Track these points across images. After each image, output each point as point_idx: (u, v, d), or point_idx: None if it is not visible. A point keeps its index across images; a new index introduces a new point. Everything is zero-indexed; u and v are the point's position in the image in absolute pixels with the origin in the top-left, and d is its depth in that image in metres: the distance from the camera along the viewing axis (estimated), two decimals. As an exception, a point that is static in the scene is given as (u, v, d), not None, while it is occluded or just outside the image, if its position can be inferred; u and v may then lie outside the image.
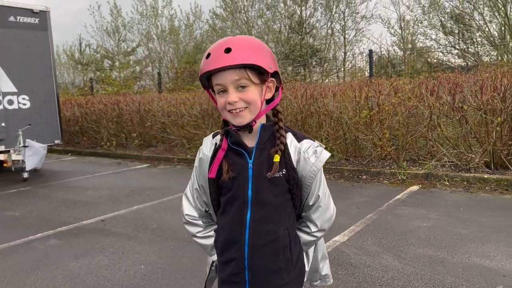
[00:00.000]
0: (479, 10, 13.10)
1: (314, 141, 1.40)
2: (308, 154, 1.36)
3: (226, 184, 1.38)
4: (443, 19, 13.99)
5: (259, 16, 16.91)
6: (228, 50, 1.27)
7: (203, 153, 1.45)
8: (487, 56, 13.20)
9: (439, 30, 13.92)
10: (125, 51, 22.07)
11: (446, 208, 4.86)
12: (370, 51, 9.45)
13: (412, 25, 14.24)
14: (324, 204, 1.43)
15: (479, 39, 13.22)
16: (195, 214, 1.52)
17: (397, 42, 14.61)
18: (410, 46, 14.39)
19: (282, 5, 16.18)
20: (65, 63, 23.44)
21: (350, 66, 15.17)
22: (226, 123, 1.42)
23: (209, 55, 1.31)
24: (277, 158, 1.32)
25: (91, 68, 23.04)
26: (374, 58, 14.81)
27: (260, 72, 1.31)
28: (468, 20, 13.41)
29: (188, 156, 9.46)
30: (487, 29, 12.93)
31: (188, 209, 1.52)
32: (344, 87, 8.05)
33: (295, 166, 1.36)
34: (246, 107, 1.31)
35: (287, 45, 16.50)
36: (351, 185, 6.28)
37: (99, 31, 22.05)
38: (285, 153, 1.36)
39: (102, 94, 16.58)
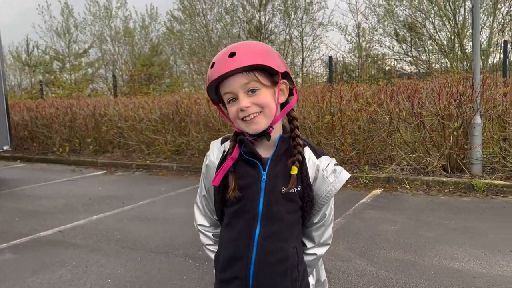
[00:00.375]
0: (430, 19, 13.71)
1: (332, 158, 1.33)
2: (327, 172, 1.27)
3: (234, 196, 1.28)
4: (396, 27, 14.52)
5: (218, 20, 16.81)
6: (232, 55, 1.18)
7: (210, 160, 1.36)
8: (437, 63, 13.82)
9: (393, 38, 14.43)
10: (76, 53, 21.20)
11: (410, 211, 4.99)
12: (330, 57, 9.61)
13: (368, 32, 14.67)
14: (327, 222, 1.37)
15: (430, 47, 13.81)
16: (206, 223, 1.44)
17: (353, 49, 14.99)
18: (364, 53, 14.82)
19: (241, 9, 16.18)
20: (11, 65, 22.17)
21: (308, 72, 15.39)
22: (237, 134, 1.32)
23: (213, 64, 1.23)
24: (294, 170, 1.23)
25: (40, 70, 21.94)
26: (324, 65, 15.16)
27: (270, 74, 1.22)
28: (420, 29, 14.00)
29: (148, 162, 9.18)
30: (437, 37, 13.55)
31: (200, 218, 1.44)
32: (307, 92, 8.12)
33: (311, 183, 1.28)
34: (260, 112, 1.21)
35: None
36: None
37: (49, 31, 21.05)
38: (303, 168, 1.27)
39: (53, 97, 15.81)
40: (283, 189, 1.25)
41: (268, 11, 16.08)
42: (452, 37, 12.97)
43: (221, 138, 1.40)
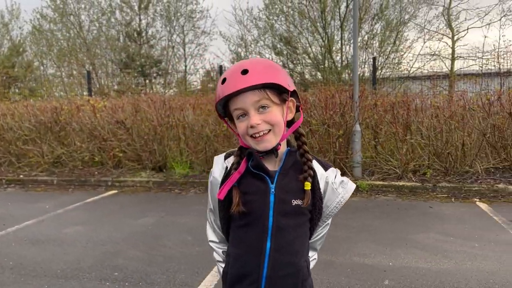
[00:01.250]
0: (303, 34, 14.88)
1: (337, 169, 1.38)
2: (336, 184, 1.33)
3: (241, 210, 1.27)
4: (274, 40, 15.40)
5: (92, 21, 15.75)
6: (245, 72, 1.20)
7: (213, 176, 1.35)
8: (311, 76, 15.03)
9: (272, 50, 15.27)
10: None
11: (312, 213, 5.35)
12: (220, 67, 9.76)
13: (250, 44, 15.26)
14: (327, 231, 1.44)
15: (304, 60, 14.97)
16: (216, 239, 1.42)
17: (237, 59, 15.43)
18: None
19: (118, 11, 15.41)
20: None
21: (192, 78, 15.37)
22: (241, 149, 1.32)
23: (224, 80, 1.23)
24: (308, 186, 1.26)
25: None
26: (214, 73, 15.35)
27: (279, 91, 1.25)
28: (295, 43, 15.09)
29: (21, 176, 8.15)
30: (310, 51, 14.75)
31: (210, 234, 1.43)
32: (206, 100, 8.13)
33: (322, 196, 1.33)
34: (270, 130, 1.24)
35: (124, 53, 15.77)
36: (219, 198, 6.35)
37: None
38: (315, 182, 1.30)
39: None
40: (293, 201, 1.27)
41: (149, 15, 15.62)
42: (324, 51, 14.24)
43: (224, 153, 1.39)
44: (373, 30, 13.92)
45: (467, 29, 13.80)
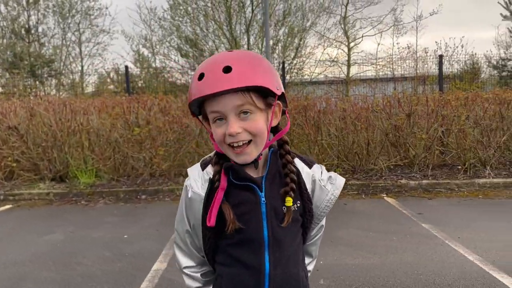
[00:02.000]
0: (210, 36, 14.81)
1: (321, 165, 1.27)
2: (324, 181, 1.21)
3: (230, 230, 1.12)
4: (179, 42, 15.07)
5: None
6: (227, 69, 1.02)
7: (193, 191, 1.14)
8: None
9: (178, 52, 14.92)
10: None
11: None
12: (126, 67, 9.21)
13: (155, 44, 14.72)
14: (322, 233, 1.34)
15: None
16: (192, 263, 1.23)
17: (141, 60, 14.78)
18: (156, 64, 14.84)
19: (3, 5, 13.78)
20: None
21: (90, 79, 14.32)
22: (219, 155, 1.15)
23: (202, 75, 1.04)
24: (289, 202, 1.13)
25: None
26: (114, 74, 14.52)
27: (264, 95, 1.09)
28: (201, 45, 14.94)
29: None
30: (217, 53, 14.71)
31: (184, 260, 1.22)
32: (112, 102, 7.57)
33: (311, 196, 1.21)
34: (251, 140, 1.08)
35: (10, 52, 14.17)
36: (134, 206, 5.95)
37: None
38: (300, 183, 1.18)
39: None
40: (284, 208, 1.14)
41: (39, 11, 14.23)
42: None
43: (199, 163, 1.21)
44: (277, 36, 14.36)
45: (362, 37, 14.95)
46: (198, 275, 1.24)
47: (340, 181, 1.23)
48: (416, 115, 7.27)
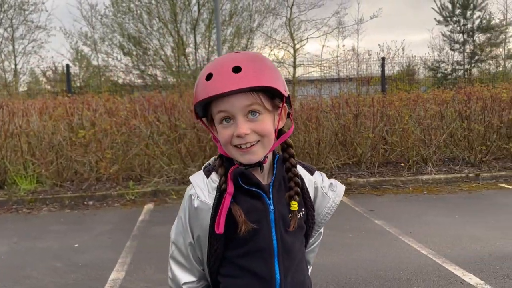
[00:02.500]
0: (154, 35, 14.41)
1: (321, 172, 1.25)
2: (325, 188, 1.19)
3: (242, 236, 1.06)
4: (121, 39, 14.52)
5: None
6: (237, 69, 0.99)
7: (200, 200, 1.07)
8: (164, 79, 14.62)
9: (120, 50, 14.37)
10: None
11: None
12: (67, 66, 8.72)
13: (96, 42, 14.07)
14: (320, 241, 1.32)
15: (157, 62, 14.49)
16: (193, 278, 1.15)
17: (80, 58, 14.07)
18: (97, 63, 14.19)
19: None
20: None
21: (25, 79, 13.43)
22: (223, 158, 1.11)
23: (210, 75, 1.01)
24: (295, 206, 1.10)
25: None
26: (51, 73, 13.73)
27: (272, 96, 1.07)
28: (145, 44, 14.50)
29: None
30: (162, 52, 14.37)
31: (183, 276, 1.14)
32: (53, 103, 7.13)
33: (313, 203, 1.18)
34: (259, 141, 1.05)
35: None
36: (82, 213, 5.64)
37: None
38: (304, 190, 1.15)
39: None
40: (290, 215, 1.12)
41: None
42: (177, 54, 14.03)
43: (201, 170, 1.15)
44: (224, 36, 14.28)
45: (307, 38, 15.26)
46: None
47: (341, 188, 1.23)
48: (363, 115, 7.54)
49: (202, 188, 1.09)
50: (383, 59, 9.38)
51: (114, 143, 6.86)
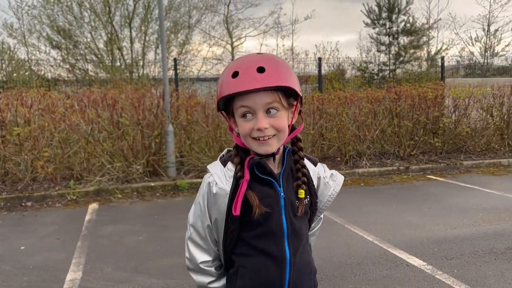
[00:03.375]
0: (86, 28, 13.77)
1: (322, 163, 1.39)
2: (327, 178, 1.33)
3: (256, 219, 1.19)
4: (49, 32, 13.71)
5: None
6: (261, 70, 1.11)
7: (218, 187, 1.20)
8: (94, 72, 14.00)
9: (49, 42, 13.53)
10: None
11: (142, 218, 5.08)
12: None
13: (23, 34, 13.11)
14: (320, 225, 1.45)
15: (89, 56, 13.86)
16: (209, 258, 1.27)
17: (6, 50, 13.02)
18: (23, 56, 13.21)
19: None
20: None
21: None
22: (239, 148, 1.23)
23: (236, 73, 1.12)
24: (302, 194, 1.24)
25: None
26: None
27: (288, 95, 1.20)
28: (76, 37, 13.81)
29: None
30: (94, 46, 13.77)
31: (201, 255, 1.26)
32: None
33: (316, 192, 1.32)
34: (275, 135, 1.18)
35: None
36: (21, 215, 5.32)
37: None
38: (309, 180, 1.29)
39: None
40: (297, 202, 1.26)
41: None
42: (110, 48, 13.53)
43: (218, 160, 1.28)
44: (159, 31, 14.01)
45: (245, 37, 15.45)
46: (213, 269, 1.28)
47: (340, 178, 1.38)
48: (304, 112, 7.85)
49: (220, 176, 1.22)
50: (319, 59, 9.81)
51: (52, 141, 6.53)
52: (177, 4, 14.48)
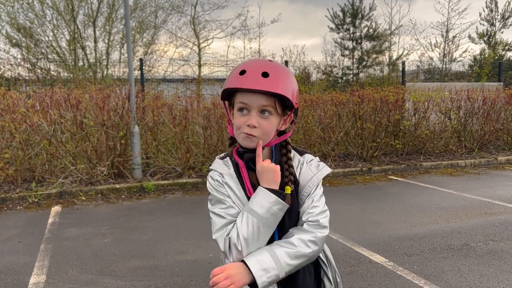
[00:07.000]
0: (48, 26, 13.35)
1: (315, 156, 1.46)
2: (311, 165, 1.40)
3: None
4: (9, 29, 13.19)
5: None
6: (266, 75, 1.24)
7: (227, 173, 1.34)
8: (57, 72, 13.58)
9: (8, 40, 13.02)
10: None
11: (107, 221, 5.01)
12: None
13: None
14: (322, 203, 1.50)
15: (51, 55, 13.43)
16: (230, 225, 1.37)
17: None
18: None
19: None
20: None
21: None
22: (233, 138, 1.38)
23: (244, 72, 1.26)
24: (288, 190, 1.32)
25: None
26: None
27: (284, 103, 1.31)
28: (37, 35, 13.36)
29: None
30: (56, 45, 13.36)
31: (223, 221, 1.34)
32: None
33: (298, 178, 1.38)
34: (259, 134, 1.30)
35: None
36: (-22, 219, 5.13)
37: None
38: (294, 170, 1.38)
39: None
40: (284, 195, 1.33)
41: None
42: (73, 47, 13.18)
43: (217, 158, 1.43)
44: (123, 30, 13.78)
45: (212, 38, 15.41)
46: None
47: (326, 169, 1.43)
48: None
49: (222, 167, 1.36)
50: (286, 62, 9.94)
51: (12, 142, 6.32)
52: (142, 4, 14.30)
